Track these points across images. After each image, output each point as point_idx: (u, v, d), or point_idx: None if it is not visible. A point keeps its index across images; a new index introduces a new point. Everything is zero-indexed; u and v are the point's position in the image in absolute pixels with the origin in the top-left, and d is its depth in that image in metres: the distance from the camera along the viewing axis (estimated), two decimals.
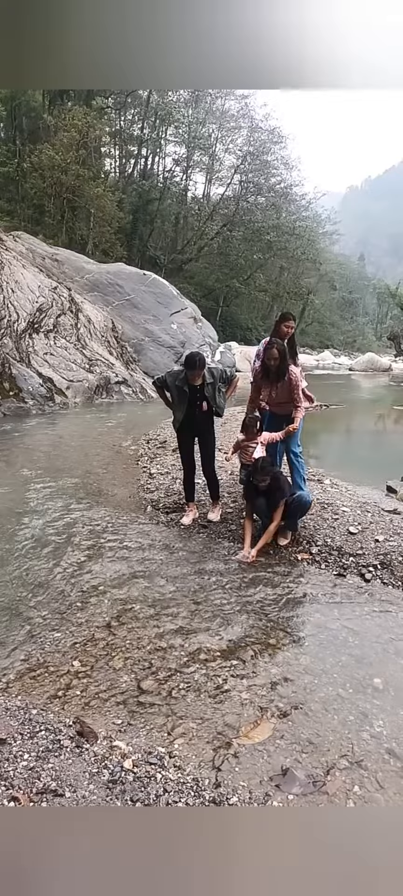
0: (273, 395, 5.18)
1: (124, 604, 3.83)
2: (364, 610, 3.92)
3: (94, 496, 6.17)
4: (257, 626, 3.62)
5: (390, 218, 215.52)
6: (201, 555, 4.73)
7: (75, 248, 24.92)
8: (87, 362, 15.09)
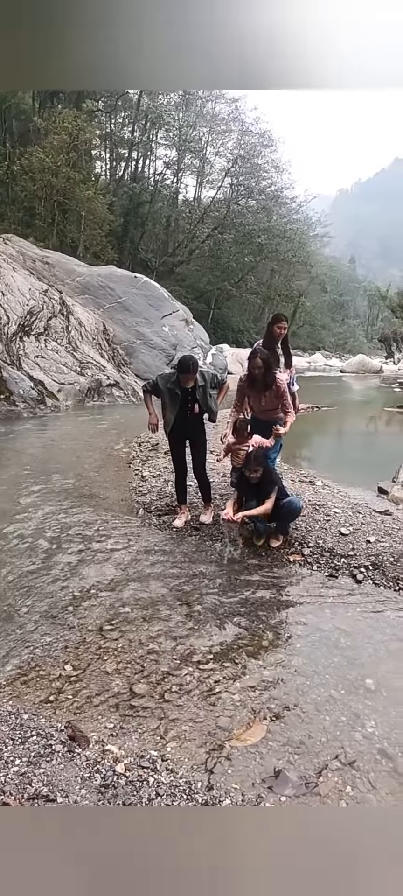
0: (262, 404, 5.18)
1: (116, 607, 3.81)
2: (357, 611, 3.93)
3: (86, 499, 6.15)
4: (249, 627, 3.62)
5: (380, 220, 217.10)
6: (193, 557, 4.73)
7: (66, 250, 24.87)
8: (79, 365, 15.05)
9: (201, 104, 42.46)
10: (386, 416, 16.42)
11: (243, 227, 42.61)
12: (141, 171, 42.71)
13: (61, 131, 26.56)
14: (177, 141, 40.59)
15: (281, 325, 5.68)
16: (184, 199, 47.09)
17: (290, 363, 5.88)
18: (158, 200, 42.12)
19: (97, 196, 30.14)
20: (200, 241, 42.32)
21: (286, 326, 5.73)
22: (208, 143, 44.11)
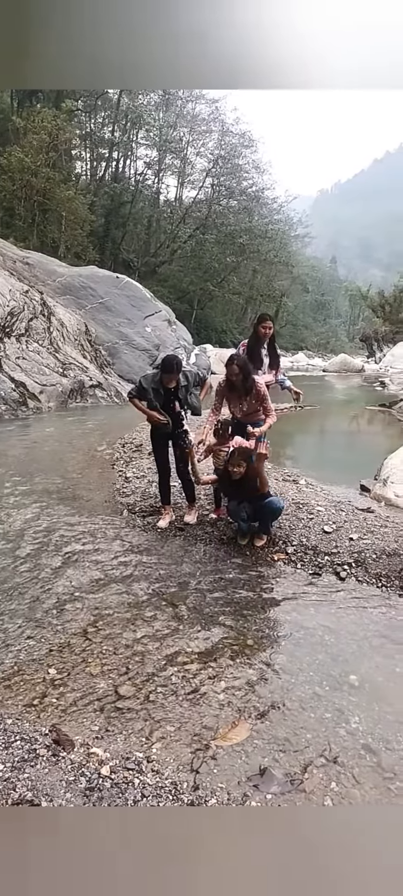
0: (243, 409, 5.19)
1: (100, 609, 3.79)
2: (340, 608, 3.96)
3: (69, 501, 6.11)
4: (234, 627, 3.62)
5: (360, 221, 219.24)
6: (178, 557, 4.72)
7: (47, 251, 24.69)
8: (61, 366, 14.94)
9: (181, 104, 42.51)
10: (368, 414, 16.57)
11: (225, 228, 42.75)
12: (121, 172, 42.58)
13: (40, 131, 26.35)
14: (157, 141, 40.54)
15: (266, 326, 5.66)
16: (166, 199, 47.13)
17: (277, 364, 5.86)
18: (139, 201, 42.04)
19: (78, 196, 30.00)
20: (182, 241, 42.36)
21: (271, 326, 5.70)
22: (189, 144, 44.18)
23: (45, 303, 16.48)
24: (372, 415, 16.35)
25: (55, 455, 8.61)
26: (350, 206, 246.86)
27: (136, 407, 5.26)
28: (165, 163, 44.17)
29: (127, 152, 42.26)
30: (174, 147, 42.46)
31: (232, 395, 5.19)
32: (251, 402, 5.10)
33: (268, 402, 5.12)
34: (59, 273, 19.64)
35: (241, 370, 4.98)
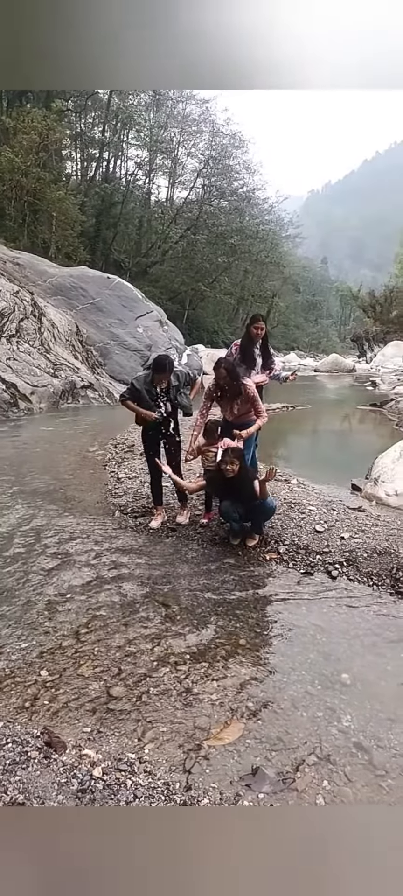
0: (234, 412, 5.18)
1: (92, 610, 3.78)
2: (332, 606, 3.97)
3: (61, 502, 6.08)
4: (227, 626, 3.63)
5: (350, 222, 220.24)
6: (170, 558, 4.72)
7: (37, 251, 24.59)
8: (52, 367, 14.88)
9: (172, 105, 42.56)
10: (360, 414, 16.65)
11: (216, 228, 42.81)
12: (112, 172, 42.52)
13: (30, 131, 26.22)
14: (148, 141, 40.53)
15: (258, 326, 5.68)
16: (157, 199, 47.13)
17: (269, 364, 5.87)
18: (130, 201, 41.99)
19: (68, 196, 29.91)
20: (173, 241, 42.36)
21: (263, 327, 5.72)
22: (179, 144, 44.24)
23: (35, 303, 16.42)
24: (364, 414, 16.43)
25: (47, 456, 8.57)
26: (340, 206, 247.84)
27: (128, 408, 5.25)
28: (156, 163, 44.18)
29: (117, 153, 42.22)
30: (165, 147, 42.49)
31: (222, 400, 5.18)
32: (241, 404, 5.10)
33: (258, 402, 5.12)
34: (49, 273, 19.57)
35: (229, 374, 4.97)
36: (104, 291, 19.92)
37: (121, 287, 21.12)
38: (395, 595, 4.16)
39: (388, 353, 37.35)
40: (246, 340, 5.74)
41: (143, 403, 5.14)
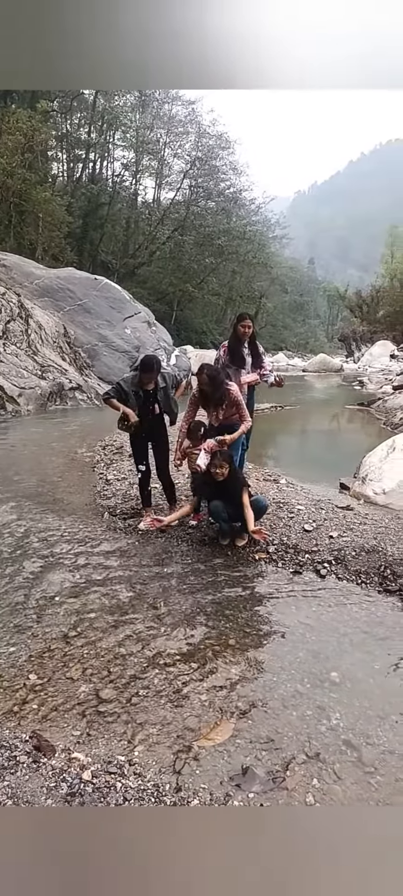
0: (219, 417, 5.12)
1: (81, 613, 3.76)
2: (321, 605, 3.99)
3: (49, 505, 6.05)
4: (216, 627, 3.63)
5: (337, 222, 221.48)
6: (159, 559, 4.71)
7: (24, 253, 24.44)
8: (40, 369, 14.79)
9: (158, 106, 42.56)
10: (348, 413, 16.75)
11: (203, 229, 42.88)
12: (99, 173, 42.41)
13: (16, 132, 26.06)
14: (134, 142, 40.47)
15: (246, 324, 5.65)
16: (144, 200, 47.07)
17: (259, 363, 5.84)
18: (117, 202, 41.87)
19: (54, 198, 29.80)
20: (161, 242, 42.31)
21: (251, 325, 5.68)
22: (166, 145, 44.25)
23: (22, 305, 16.31)
24: (352, 413, 16.53)
25: (34, 458, 8.52)
26: (326, 207, 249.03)
27: (112, 406, 5.21)
28: (142, 164, 44.11)
29: (104, 153, 42.12)
30: (151, 148, 42.45)
31: (207, 406, 5.15)
32: (226, 408, 5.06)
33: (243, 407, 5.06)
34: (36, 275, 19.45)
35: (211, 380, 4.93)
36: (91, 293, 19.83)
37: (109, 288, 21.04)
38: (383, 593, 4.19)
39: (375, 352, 37.65)
40: (233, 340, 5.72)
41: (130, 405, 5.12)
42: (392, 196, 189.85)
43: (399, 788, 2.32)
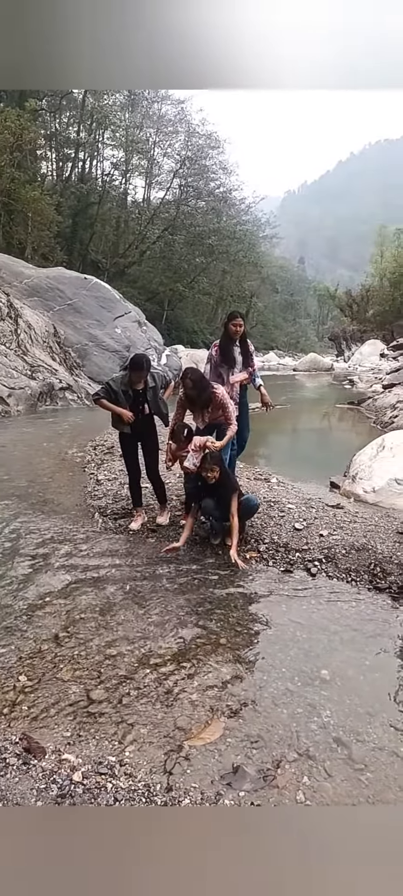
0: (206, 420, 5.13)
1: (72, 614, 3.75)
2: (311, 603, 4.01)
3: (40, 505, 6.02)
4: (207, 626, 3.63)
5: (326, 222, 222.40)
6: (150, 559, 4.71)
7: (13, 252, 24.28)
8: (29, 369, 14.71)
9: (147, 105, 42.50)
10: (338, 412, 16.83)
11: (193, 229, 42.86)
12: (88, 172, 42.24)
13: (4, 130, 25.87)
14: (123, 142, 40.34)
15: (236, 323, 5.63)
16: (134, 200, 46.94)
17: (249, 362, 5.85)
18: (107, 201, 41.70)
19: (44, 197, 29.59)
20: (151, 242, 42.24)
21: (241, 324, 5.65)
22: (155, 145, 44.19)
23: (11, 305, 16.21)
24: (342, 412, 16.61)
25: (25, 459, 8.47)
26: (316, 206, 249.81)
27: (103, 406, 5.19)
28: (132, 163, 43.97)
29: (93, 153, 41.95)
30: (141, 148, 42.34)
31: (193, 409, 5.15)
32: (212, 411, 5.06)
33: (228, 410, 5.03)
34: (25, 275, 19.34)
35: (195, 385, 4.93)
36: (81, 292, 19.76)
37: (99, 288, 20.97)
38: (373, 590, 4.22)
39: (365, 351, 37.84)
40: (224, 339, 5.71)
41: (120, 405, 5.10)
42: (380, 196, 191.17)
43: (388, 785, 2.34)
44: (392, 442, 7.19)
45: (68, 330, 18.10)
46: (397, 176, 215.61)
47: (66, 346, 17.45)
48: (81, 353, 17.80)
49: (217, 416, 5.06)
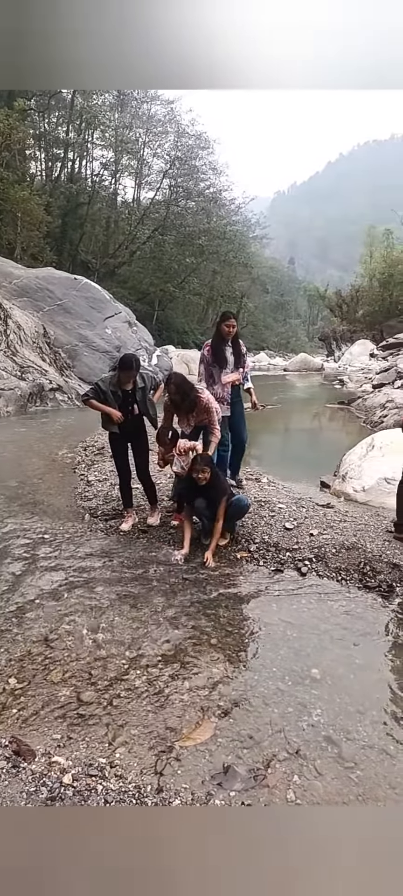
0: (191, 423, 5.16)
1: (62, 616, 3.73)
2: (301, 603, 4.02)
3: (30, 506, 5.99)
4: (198, 626, 3.63)
5: (316, 223, 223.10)
6: (141, 560, 4.69)
7: (2, 252, 24.17)
8: (19, 370, 14.62)
9: (136, 105, 42.42)
10: (329, 412, 16.89)
11: (183, 229, 42.84)
12: (77, 172, 42.04)
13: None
14: (113, 142, 40.23)
15: (229, 323, 5.63)
16: (123, 200, 46.83)
17: (242, 363, 5.85)
18: (97, 201, 41.56)
19: (33, 197, 29.43)
20: (141, 242, 42.18)
21: (234, 324, 5.67)
22: (145, 145, 44.13)
23: (0, 305, 16.10)
24: (332, 412, 16.68)
25: (14, 460, 8.42)
26: (306, 207, 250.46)
27: (92, 407, 5.17)
28: (122, 164, 43.89)
29: (82, 153, 41.77)
30: (130, 148, 42.26)
31: (179, 413, 5.16)
32: (198, 414, 5.07)
33: (213, 415, 5.07)
34: (14, 275, 19.23)
35: (178, 389, 4.95)
36: (71, 293, 19.67)
37: (89, 288, 20.90)
38: (363, 589, 4.24)
39: (355, 351, 37.96)
40: (216, 339, 5.71)
41: (109, 405, 5.09)
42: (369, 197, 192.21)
43: (377, 782, 2.35)
44: (382, 441, 7.23)
45: (58, 330, 18.02)
46: (385, 177, 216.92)
47: (55, 347, 17.36)
48: (71, 354, 17.73)
49: (202, 419, 5.08)
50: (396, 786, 2.34)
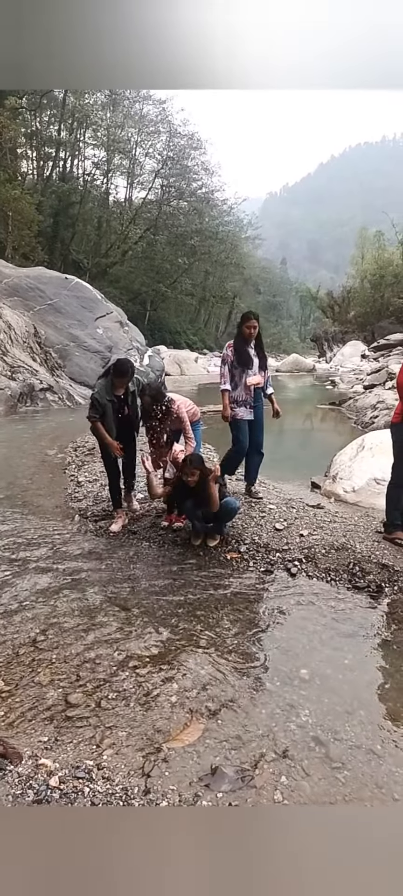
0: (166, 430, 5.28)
1: (51, 617, 3.71)
2: (291, 603, 4.02)
3: (19, 507, 5.96)
4: (187, 628, 3.62)
5: (308, 224, 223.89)
6: (131, 561, 4.69)
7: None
8: (9, 370, 14.54)
9: (128, 105, 42.34)
10: (320, 413, 16.95)
11: (175, 229, 42.90)
12: (69, 171, 41.94)
13: None
14: (105, 141, 40.16)
15: (250, 324, 5.48)
16: (115, 199, 46.76)
17: (265, 365, 5.79)
18: (88, 201, 41.49)
19: (24, 196, 29.33)
20: (133, 242, 42.14)
21: (256, 325, 5.53)
22: (137, 144, 44.09)
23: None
24: (324, 413, 16.73)
25: (4, 461, 8.38)
26: (298, 208, 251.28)
27: (98, 432, 5.18)
28: (114, 163, 43.82)
29: (74, 152, 41.68)
30: (122, 147, 42.22)
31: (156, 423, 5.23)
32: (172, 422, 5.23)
33: (187, 425, 5.24)
34: (5, 274, 19.11)
35: (153, 399, 5.12)
36: (62, 292, 19.58)
37: (80, 288, 20.81)
38: (352, 589, 4.26)
39: (347, 352, 38.14)
40: (239, 341, 5.61)
41: (108, 417, 5.09)
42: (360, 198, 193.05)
43: (364, 783, 2.36)
44: (372, 442, 7.26)
45: (49, 330, 17.93)
46: (376, 179, 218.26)
47: (46, 347, 17.28)
48: (62, 354, 17.64)
49: (178, 426, 5.27)
50: (383, 786, 2.35)
